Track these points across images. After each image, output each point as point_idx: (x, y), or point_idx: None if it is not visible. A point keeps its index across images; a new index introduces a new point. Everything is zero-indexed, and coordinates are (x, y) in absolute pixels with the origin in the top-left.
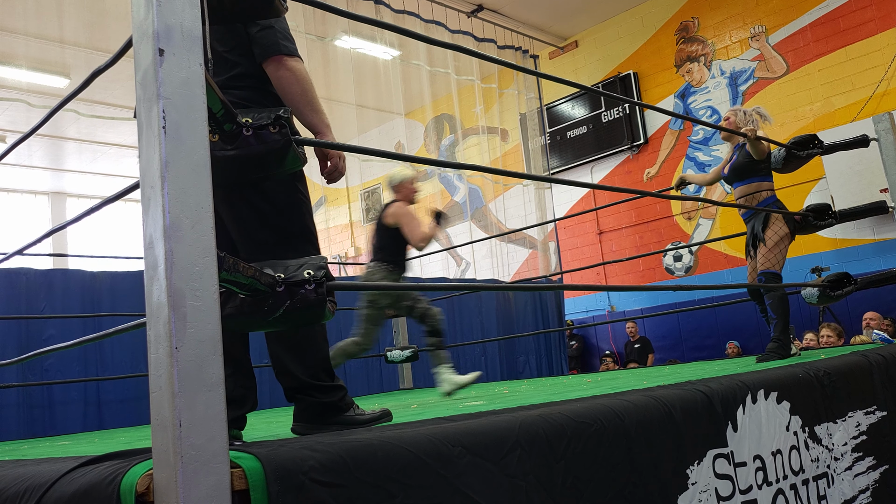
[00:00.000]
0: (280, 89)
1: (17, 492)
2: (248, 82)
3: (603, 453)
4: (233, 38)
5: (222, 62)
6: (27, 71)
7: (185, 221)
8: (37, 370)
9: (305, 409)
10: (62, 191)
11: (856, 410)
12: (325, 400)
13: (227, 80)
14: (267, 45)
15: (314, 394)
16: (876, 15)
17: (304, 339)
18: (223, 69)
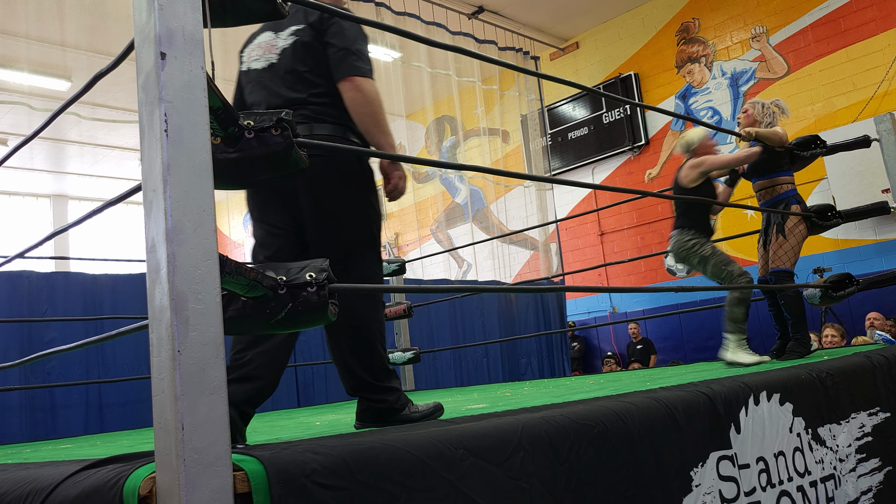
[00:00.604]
0: (351, 109)
1: (19, 495)
2: (326, 99)
3: (606, 455)
4: (312, 59)
5: (303, 81)
6: (29, 74)
7: (187, 224)
8: (39, 373)
9: (366, 410)
10: (64, 194)
11: (859, 412)
12: (382, 405)
13: (308, 98)
14: (342, 66)
15: (372, 396)
16: (877, 15)
17: (364, 341)
18: (304, 87)
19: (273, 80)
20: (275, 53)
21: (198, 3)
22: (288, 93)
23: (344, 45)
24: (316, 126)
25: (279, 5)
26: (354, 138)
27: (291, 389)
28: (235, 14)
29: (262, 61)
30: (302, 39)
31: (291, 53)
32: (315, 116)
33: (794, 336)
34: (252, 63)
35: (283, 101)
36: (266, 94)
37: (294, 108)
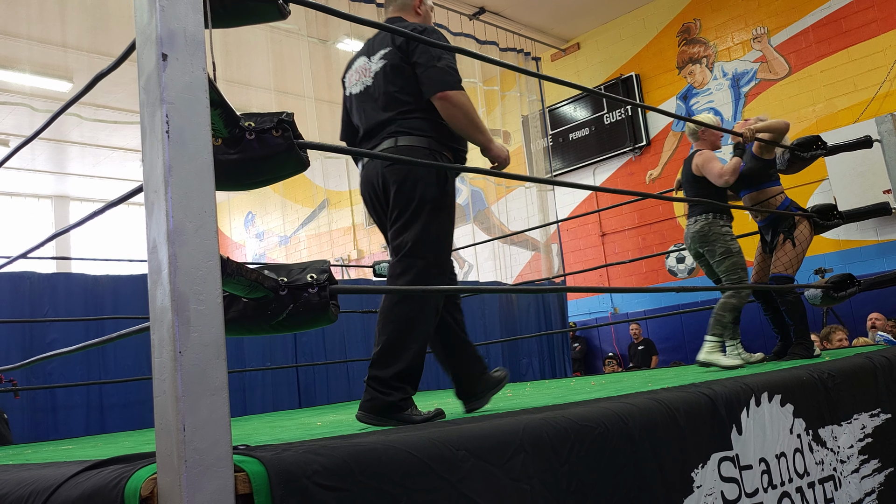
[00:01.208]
0: (448, 121)
1: (21, 495)
2: (416, 115)
3: (607, 457)
4: (402, 79)
5: (395, 101)
6: (30, 75)
7: (188, 225)
8: (40, 374)
9: (370, 400)
10: (65, 194)
11: (861, 413)
12: (388, 399)
13: (396, 115)
14: (431, 83)
15: (381, 389)
16: (878, 16)
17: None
18: (395, 106)
19: (368, 103)
20: (369, 77)
21: (199, 5)
22: (381, 114)
23: (430, 63)
24: (400, 138)
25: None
26: (447, 152)
27: (293, 390)
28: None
29: (359, 86)
30: (391, 62)
31: (383, 76)
32: (400, 130)
33: (798, 341)
34: (352, 88)
35: (377, 122)
36: (364, 117)
37: (386, 126)
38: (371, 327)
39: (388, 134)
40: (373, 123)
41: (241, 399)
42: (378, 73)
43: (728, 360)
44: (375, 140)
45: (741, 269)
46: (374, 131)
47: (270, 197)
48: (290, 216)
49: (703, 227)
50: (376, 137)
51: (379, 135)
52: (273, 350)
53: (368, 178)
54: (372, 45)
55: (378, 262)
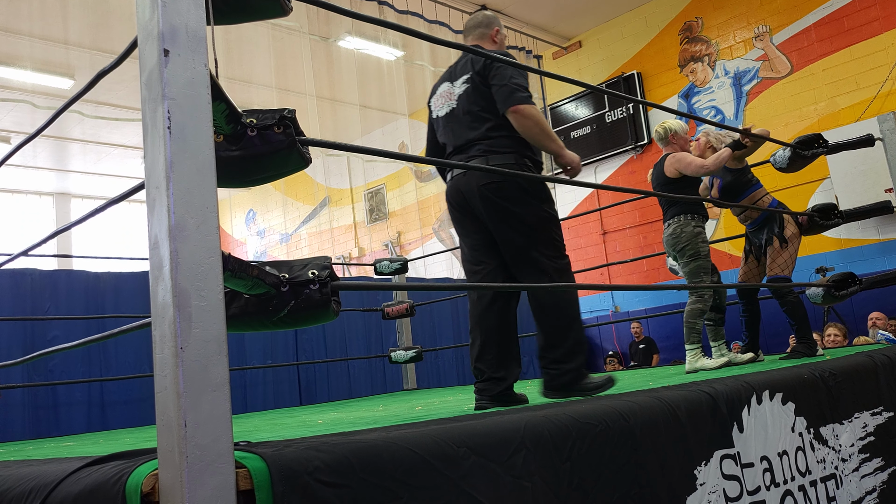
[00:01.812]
0: (521, 132)
1: (22, 491)
2: (500, 132)
3: (609, 454)
4: (483, 100)
5: (479, 119)
6: (32, 72)
7: (190, 222)
8: (41, 371)
9: (550, 380)
10: (67, 192)
11: (862, 411)
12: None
13: (485, 132)
14: (506, 99)
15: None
16: (880, 14)
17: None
18: (480, 124)
19: (455, 123)
20: (453, 100)
21: (201, 1)
22: (468, 132)
23: (503, 83)
24: (491, 157)
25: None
26: (529, 162)
27: (293, 387)
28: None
29: (445, 108)
30: (472, 85)
31: (465, 98)
32: (490, 149)
33: (800, 340)
34: (438, 112)
35: (465, 139)
36: (452, 135)
37: (474, 144)
38: (371, 326)
39: (478, 152)
40: (462, 141)
41: (242, 396)
42: (461, 96)
43: (713, 362)
44: (465, 156)
45: (703, 273)
46: (464, 148)
47: (272, 194)
48: (292, 214)
49: (675, 230)
50: (466, 154)
51: (468, 151)
52: (274, 347)
53: (459, 189)
54: (454, 72)
55: (379, 260)
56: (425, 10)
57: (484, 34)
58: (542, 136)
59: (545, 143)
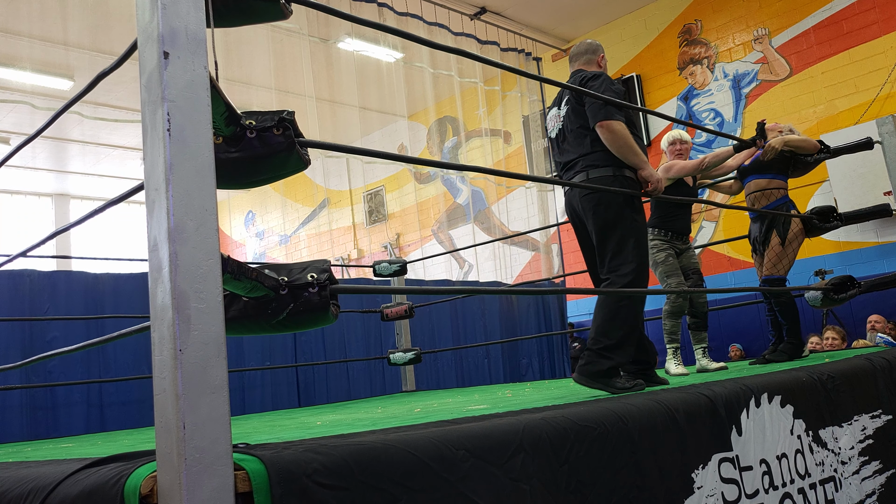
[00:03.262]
0: (608, 144)
1: (21, 493)
2: (598, 147)
3: (607, 457)
4: (579, 118)
5: (580, 136)
6: (31, 73)
7: (189, 224)
8: (40, 372)
9: (585, 364)
10: (66, 193)
11: (861, 414)
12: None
13: (586, 149)
14: (594, 116)
15: (594, 358)
16: (879, 18)
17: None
18: (582, 140)
19: (562, 142)
20: (560, 121)
21: (201, 3)
22: (572, 149)
23: (593, 102)
24: (591, 171)
25: (282, 6)
26: (627, 172)
27: (292, 389)
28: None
29: (555, 130)
30: (572, 107)
31: (568, 119)
32: (590, 164)
33: (789, 340)
34: (550, 134)
35: (571, 156)
36: (560, 153)
37: (578, 161)
38: (370, 327)
39: (580, 168)
40: (568, 158)
41: (240, 398)
42: (565, 117)
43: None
44: (572, 171)
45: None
46: (570, 165)
47: (271, 196)
48: (291, 215)
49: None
50: (573, 170)
51: (574, 168)
52: (273, 349)
53: (570, 202)
54: (559, 98)
55: (378, 261)
56: (425, 12)
57: (591, 60)
58: (626, 149)
59: (627, 155)
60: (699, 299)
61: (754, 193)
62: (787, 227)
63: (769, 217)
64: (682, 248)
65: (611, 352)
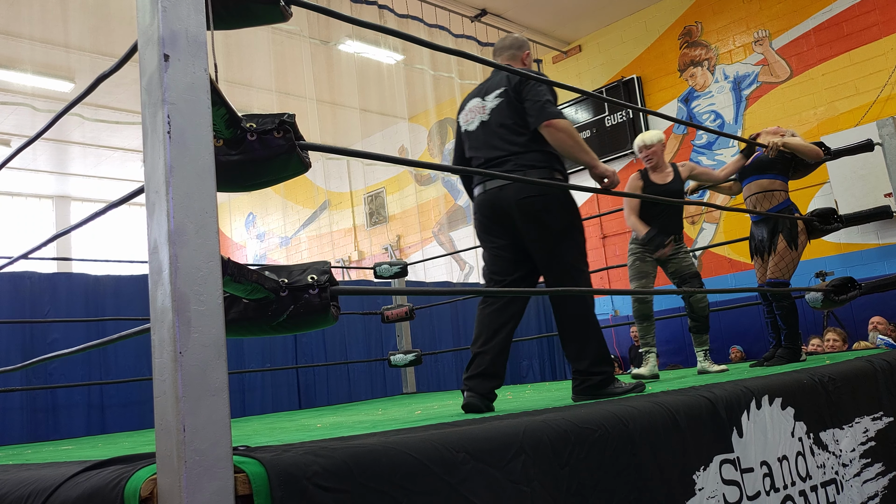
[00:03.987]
0: (555, 145)
1: (21, 495)
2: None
3: (608, 459)
4: (516, 114)
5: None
6: (32, 75)
7: (189, 226)
8: (40, 374)
9: (581, 384)
10: (66, 194)
11: (863, 416)
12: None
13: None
14: (540, 115)
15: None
16: (880, 19)
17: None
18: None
19: (488, 136)
20: (485, 113)
21: (201, 6)
22: (504, 145)
23: (538, 99)
24: (528, 172)
25: (282, 8)
26: (559, 176)
27: (292, 391)
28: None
29: (475, 123)
30: (506, 100)
31: (499, 112)
32: (529, 164)
33: (787, 344)
34: (468, 126)
35: (501, 152)
36: (484, 148)
37: (508, 159)
38: (370, 329)
39: (513, 167)
40: (495, 154)
41: (240, 400)
42: (494, 110)
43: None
44: (499, 170)
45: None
46: (498, 161)
47: (271, 198)
48: (291, 217)
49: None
50: (499, 168)
51: (503, 165)
52: (273, 351)
53: (495, 202)
54: (485, 88)
55: (379, 263)
56: (425, 14)
57: (515, 56)
58: (577, 148)
59: (580, 155)
60: (699, 303)
61: (755, 195)
62: (794, 231)
63: (774, 220)
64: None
65: (598, 366)
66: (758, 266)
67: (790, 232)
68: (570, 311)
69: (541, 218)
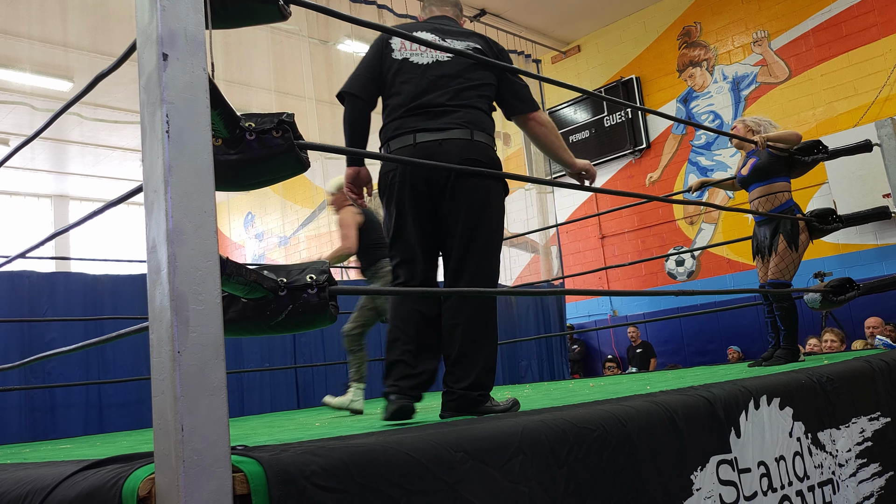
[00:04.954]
0: (540, 137)
1: (19, 495)
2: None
3: (606, 459)
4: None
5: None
6: (31, 74)
7: (187, 225)
8: (39, 373)
9: (455, 400)
10: (65, 194)
11: (860, 416)
12: (473, 395)
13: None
14: (529, 100)
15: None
16: (878, 20)
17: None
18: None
19: (441, 77)
20: (445, 55)
21: (200, 5)
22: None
23: (524, 83)
24: (476, 133)
25: (281, 7)
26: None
27: (291, 390)
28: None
29: (428, 58)
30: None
31: (467, 64)
32: (478, 123)
33: (785, 346)
34: (413, 56)
35: (446, 101)
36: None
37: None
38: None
39: (458, 121)
40: (440, 101)
41: (239, 399)
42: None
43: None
44: (439, 120)
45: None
46: (439, 110)
47: (270, 197)
48: (290, 217)
49: None
50: (439, 118)
51: (443, 117)
52: (272, 350)
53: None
54: (437, 29)
55: None
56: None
57: (458, 15)
58: (560, 144)
59: (560, 152)
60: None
61: (759, 198)
62: (795, 232)
63: (776, 221)
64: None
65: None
66: (759, 266)
67: (790, 233)
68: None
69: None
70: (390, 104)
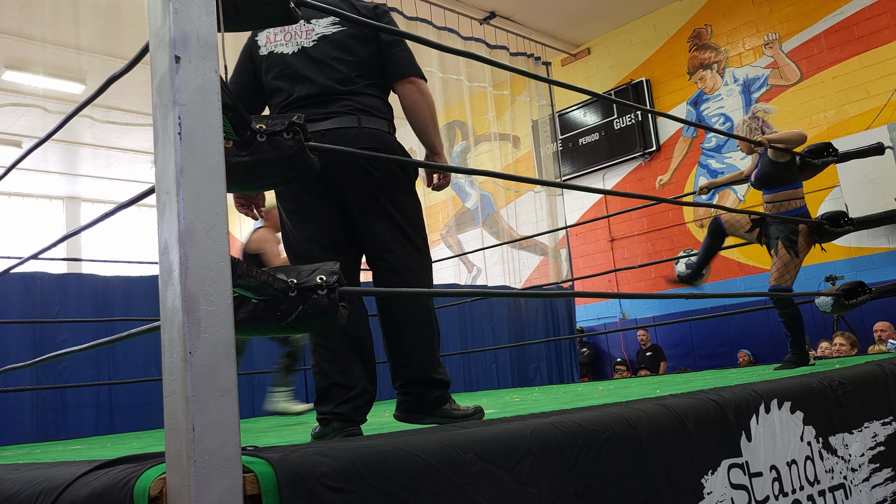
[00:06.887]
0: (412, 108)
1: (30, 494)
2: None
3: (615, 462)
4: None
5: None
6: (44, 77)
7: (199, 227)
8: (50, 374)
9: (411, 400)
10: (77, 196)
11: (872, 421)
12: (430, 395)
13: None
14: (408, 66)
15: (422, 389)
16: (890, 22)
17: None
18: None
19: (312, 65)
20: (309, 39)
21: (212, 7)
22: (332, 82)
23: (405, 47)
24: (364, 118)
25: (291, 10)
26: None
27: (300, 392)
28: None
29: (292, 46)
30: (351, 30)
31: (334, 42)
32: (364, 109)
33: (793, 351)
34: (280, 48)
35: (325, 89)
36: (302, 79)
37: (337, 99)
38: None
39: (343, 109)
40: (317, 90)
41: (249, 400)
42: (327, 38)
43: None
44: (323, 110)
45: None
46: (322, 100)
47: None
48: None
49: None
50: (324, 108)
51: (329, 106)
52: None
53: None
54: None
55: None
56: (434, 16)
57: None
58: (432, 123)
59: (431, 130)
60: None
61: (768, 206)
62: (793, 237)
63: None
64: None
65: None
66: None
67: (788, 238)
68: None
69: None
70: (271, 104)
